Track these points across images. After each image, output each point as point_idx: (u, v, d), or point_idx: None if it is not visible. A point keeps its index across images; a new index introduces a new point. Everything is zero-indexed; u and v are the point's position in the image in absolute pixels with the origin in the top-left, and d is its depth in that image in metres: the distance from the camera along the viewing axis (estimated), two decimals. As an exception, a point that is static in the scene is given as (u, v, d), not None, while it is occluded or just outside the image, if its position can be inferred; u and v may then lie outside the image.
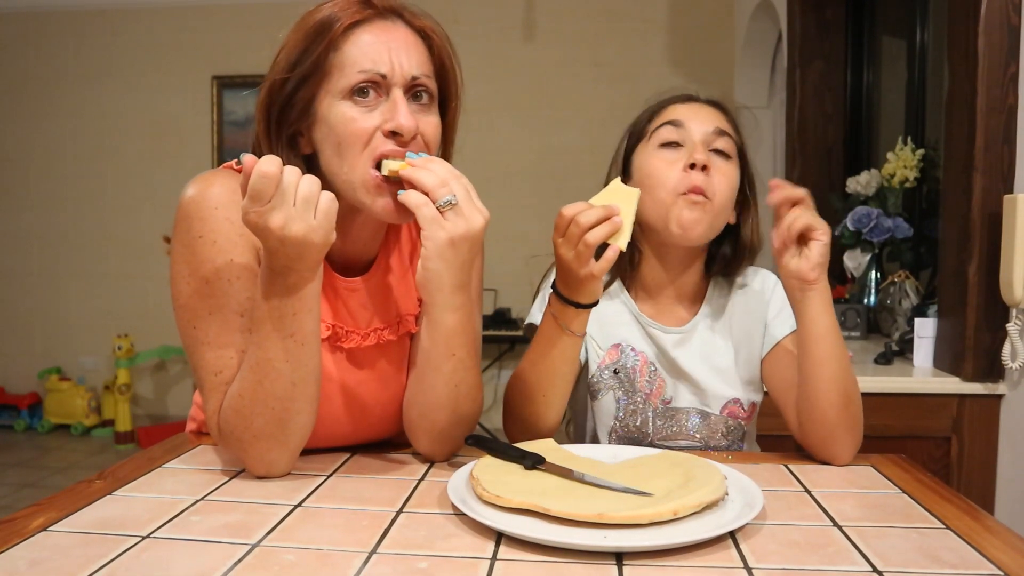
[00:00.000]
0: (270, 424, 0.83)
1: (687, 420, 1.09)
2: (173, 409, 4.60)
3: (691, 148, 1.03)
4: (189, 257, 0.87)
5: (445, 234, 0.81)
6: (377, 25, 0.87)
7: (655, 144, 1.05)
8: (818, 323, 0.95)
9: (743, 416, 1.10)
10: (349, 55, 0.85)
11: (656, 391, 1.09)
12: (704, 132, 1.04)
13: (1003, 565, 0.66)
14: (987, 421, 1.68)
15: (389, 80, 0.86)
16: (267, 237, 0.76)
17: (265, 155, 0.75)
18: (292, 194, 0.75)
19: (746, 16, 3.62)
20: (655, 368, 1.09)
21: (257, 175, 0.73)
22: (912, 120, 2.50)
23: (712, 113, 1.07)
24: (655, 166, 1.04)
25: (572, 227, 0.87)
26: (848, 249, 2.34)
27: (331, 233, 0.79)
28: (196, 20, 4.40)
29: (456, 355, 0.88)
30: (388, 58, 0.85)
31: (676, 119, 1.05)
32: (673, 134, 1.04)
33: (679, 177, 1.01)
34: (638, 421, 1.09)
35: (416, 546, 0.69)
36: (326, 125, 0.86)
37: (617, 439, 1.10)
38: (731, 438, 1.10)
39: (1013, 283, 1.53)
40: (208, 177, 0.89)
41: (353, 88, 0.85)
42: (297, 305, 0.81)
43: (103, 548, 0.67)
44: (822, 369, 0.95)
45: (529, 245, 3.53)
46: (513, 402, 1.01)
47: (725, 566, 0.65)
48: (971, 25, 1.61)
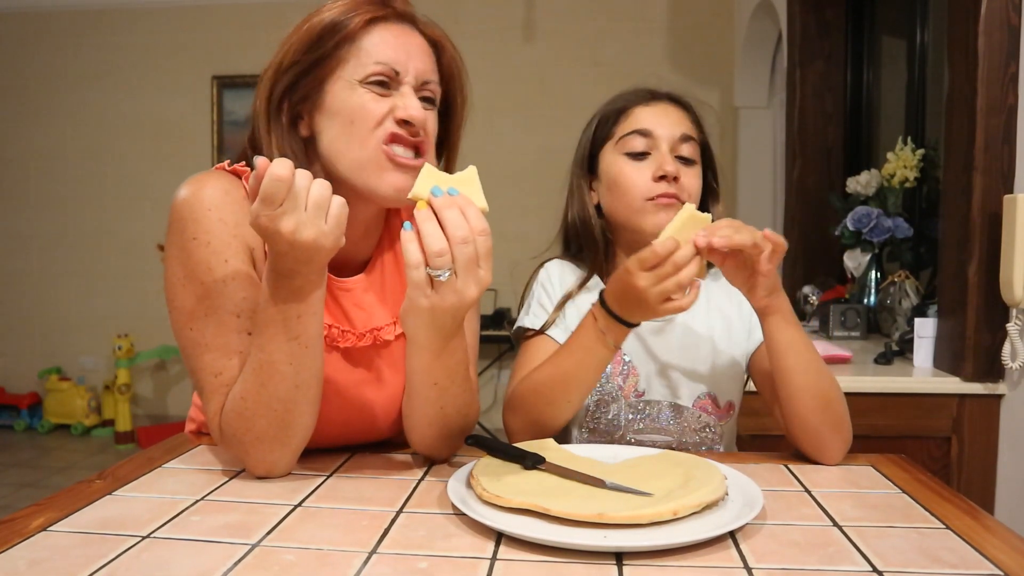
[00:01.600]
0: (272, 426, 0.83)
1: (659, 413, 1.10)
2: (173, 409, 4.60)
3: (659, 158, 1.06)
4: (184, 259, 0.87)
5: (427, 303, 0.77)
6: (395, 25, 0.91)
7: (623, 149, 1.08)
8: (778, 338, 0.96)
9: (716, 413, 1.11)
10: (366, 47, 0.88)
11: (629, 384, 1.10)
12: (671, 139, 1.07)
13: (1003, 565, 0.66)
14: (987, 421, 1.68)
15: (401, 78, 0.89)
16: (277, 241, 0.75)
17: (277, 157, 0.75)
18: (304, 198, 0.75)
19: (746, 16, 3.62)
20: (629, 359, 1.10)
21: (270, 178, 0.72)
22: (912, 120, 2.50)
23: (677, 115, 1.10)
24: (624, 173, 1.08)
25: (667, 266, 0.86)
26: (848, 249, 2.34)
27: (341, 239, 0.78)
28: (196, 20, 4.40)
29: (438, 384, 0.87)
30: (404, 58, 0.89)
31: (644, 128, 1.07)
32: (641, 144, 1.07)
33: (649, 185, 1.06)
34: (610, 414, 1.10)
35: (416, 546, 0.69)
36: (336, 109, 0.89)
37: (588, 433, 1.11)
38: (703, 435, 1.11)
39: (1013, 283, 1.53)
40: (201, 179, 0.89)
41: (368, 76, 0.88)
42: (302, 308, 0.81)
43: (103, 548, 0.67)
44: (794, 379, 0.96)
45: (529, 245, 3.52)
46: (528, 402, 1.00)
47: (725, 566, 0.65)
48: (971, 25, 1.61)
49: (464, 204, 0.76)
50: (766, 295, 0.94)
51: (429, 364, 0.85)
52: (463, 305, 0.78)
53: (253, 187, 0.74)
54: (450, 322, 0.80)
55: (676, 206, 1.03)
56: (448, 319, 0.80)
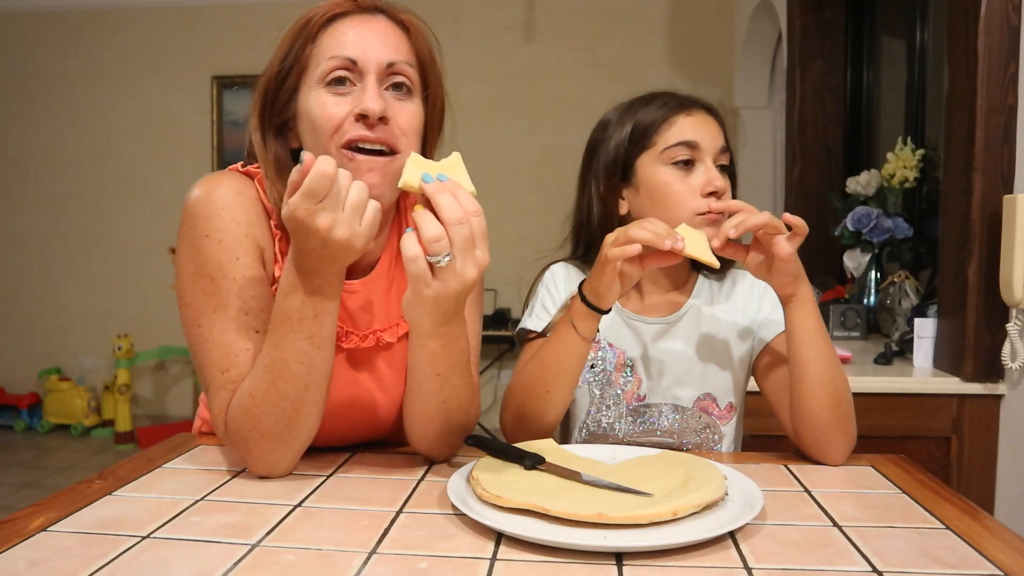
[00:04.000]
0: (278, 425, 0.83)
1: (660, 416, 1.10)
2: (173, 409, 4.60)
3: (708, 172, 1.05)
4: (195, 256, 0.87)
5: (430, 292, 0.77)
6: (355, 18, 0.89)
7: (667, 160, 1.07)
8: (800, 328, 0.97)
9: (718, 414, 1.11)
10: (323, 44, 0.87)
11: (631, 389, 1.10)
12: (714, 151, 1.07)
13: (1003, 565, 0.66)
14: (987, 421, 1.68)
15: (361, 66, 0.87)
16: (309, 236, 0.76)
17: (321, 155, 0.75)
18: (343, 197, 0.75)
19: (746, 16, 3.62)
20: (632, 365, 1.10)
21: (315, 173, 0.73)
22: (912, 120, 2.50)
23: (715, 125, 1.09)
24: (673, 186, 1.06)
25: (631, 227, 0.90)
26: (848, 249, 2.34)
27: (371, 242, 0.79)
28: (196, 20, 4.40)
29: (440, 375, 0.87)
30: (360, 45, 0.87)
31: (690, 140, 1.06)
32: (687, 154, 1.06)
33: (699, 200, 1.05)
34: (609, 419, 1.10)
35: (416, 546, 0.69)
36: (303, 115, 0.88)
37: (587, 435, 1.11)
38: (704, 436, 1.11)
39: (1013, 283, 1.53)
40: (214, 178, 0.90)
41: (326, 75, 0.86)
42: (319, 307, 0.81)
43: (103, 548, 0.67)
44: (810, 371, 0.96)
45: (529, 245, 3.52)
46: (516, 397, 1.02)
47: (725, 566, 0.65)
48: (971, 25, 1.61)
49: (455, 188, 0.77)
50: (791, 282, 0.95)
51: (433, 353, 0.85)
52: (465, 288, 0.78)
53: (295, 180, 0.74)
54: (453, 306, 0.80)
55: (721, 222, 1.04)
56: (451, 303, 0.79)
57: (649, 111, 1.10)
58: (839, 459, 0.96)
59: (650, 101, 1.10)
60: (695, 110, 1.08)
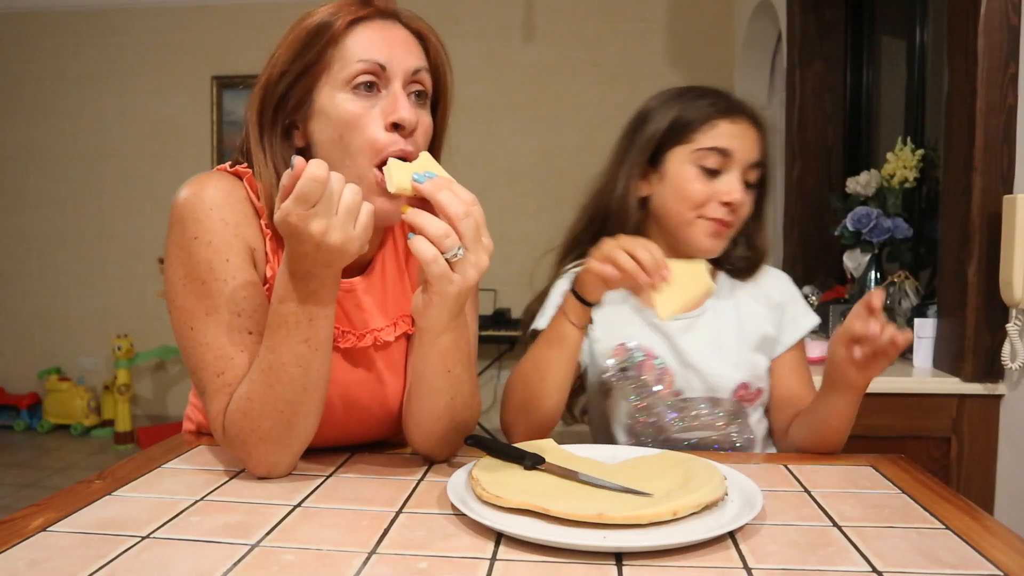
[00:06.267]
0: (277, 427, 0.83)
1: (699, 409, 1.10)
2: (173, 409, 4.60)
3: (730, 182, 1.06)
4: (184, 258, 0.87)
5: (454, 289, 0.77)
6: (377, 23, 0.89)
7: (697, 160, 1.07)
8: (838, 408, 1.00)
9: (749, 399, 1.12)
10: (350, 47, 0.87)
11: (666, 385, 1.10)
12: (745, 164, 1.07)
13: (1003, 565, 0.66)
14: (987, 421, 1.68)
15: (388, 72, 0.87)
16: (303, 241, 0.75)
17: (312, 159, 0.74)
18: (336, 201, 0.75)
19: (746, 16, 3.61)
20: (662, 362, 1.10)
21: (307, 178, 0.72)
22: (912, 120, 2.49)
23: (754, 137, 1.09)
24: (691, 183, 1.07)
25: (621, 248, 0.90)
26: (848, 249, 2.34)
27: (365, 245, 0.78)
28: (196, 20, 4.40)
29: (452, 371, 0.87)
30: (388, 51, 0.87)
31: (725, 148, 1.06)
32: (718, 162, 1.06)
33: (712, 206, 1.06)
34: (653, 417, 1.10)
35: (416, 546, 0.69)
36: (325, 116, 0.87)
37: (636, 437, 1.11)
38: (741, 424, 1.12)
39: (1013, 283, 1.53)
40: (202, 179, 0.89)
41: (353, 78, 0.86)
42: (315, 311, 0.81)
43: (103, 548, 0.67)
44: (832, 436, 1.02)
45: (529, 245, 3.52)
46: (515, 390, 1.03)
47: (725, 566, 0.65)
48: (971, 25, 1.61)
49: (447, 183, 0.78)
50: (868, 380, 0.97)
51: (444, 349, 0.85)
52: (480, 276, 0.79)
53: (287, 185, 0.74)
54: (466, 296, 0.81)
55: (726, 233, 1.07)
56: (466, 294, 0.80)
57: (695, 107, 1.09)
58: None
59: (700, 96, 1.10)
60: (740, 118, 1.08)
